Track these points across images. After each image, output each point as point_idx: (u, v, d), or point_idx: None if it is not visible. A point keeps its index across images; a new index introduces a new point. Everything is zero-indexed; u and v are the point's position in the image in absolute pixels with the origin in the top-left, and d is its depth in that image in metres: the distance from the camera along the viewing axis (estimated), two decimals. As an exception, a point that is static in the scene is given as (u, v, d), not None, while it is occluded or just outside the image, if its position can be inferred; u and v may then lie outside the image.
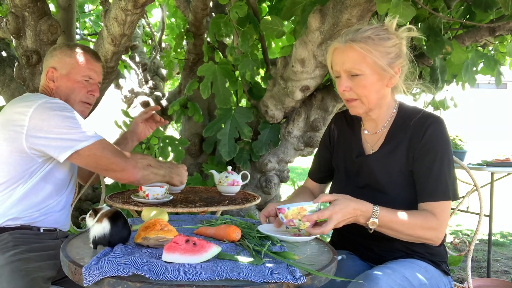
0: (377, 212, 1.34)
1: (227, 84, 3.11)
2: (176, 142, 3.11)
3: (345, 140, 1.65)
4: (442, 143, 1.43)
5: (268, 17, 2.96)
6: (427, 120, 1.46)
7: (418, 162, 1.45)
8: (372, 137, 1.57)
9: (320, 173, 1.75)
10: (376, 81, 1.44)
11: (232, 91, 3.18)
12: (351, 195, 1.36)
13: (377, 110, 1.52)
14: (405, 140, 1.48)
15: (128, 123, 3.67)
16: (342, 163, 1.64)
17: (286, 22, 3.53)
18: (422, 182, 1.43)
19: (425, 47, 2.62)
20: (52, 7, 3.24)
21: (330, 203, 1.33)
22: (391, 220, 1.35)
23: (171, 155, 3.49)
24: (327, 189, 1.79)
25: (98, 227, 1.21)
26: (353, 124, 1.65)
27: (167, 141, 3.13)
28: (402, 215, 1.37)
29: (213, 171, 2.32)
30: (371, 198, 1.37)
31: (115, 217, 1.22)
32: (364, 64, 1.42)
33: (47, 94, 1.80)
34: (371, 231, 1.36)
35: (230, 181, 2.25)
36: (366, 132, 1.59)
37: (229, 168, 2.33)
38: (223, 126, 3.00)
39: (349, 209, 1.30)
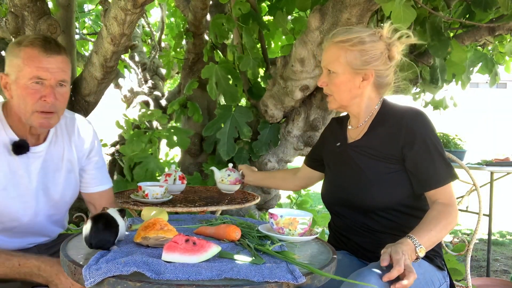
0: (414, 238, 1.30)
1: (231, 81, 3.12)
2: (182, 132, 3.32)
3: (333, 136, 1.73)
4: (425, 132, 1.46)
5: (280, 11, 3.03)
6: (406, 116, 1.49)
7: (411, 159, 1.47)
8: (355, 131, 1.62)
9: (310, 157, 1.88)
10: (347, 81, 1.51)
11: (233, 85, 3.19)
12: (334, 184, 1.40)
13: (353, 107, 1.58)
14: (386, 131, 1.52)
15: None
16: (330, 158, 1.71)
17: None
18: (422, 173, 1.46)
19: (428, 47, 2.61)
20: (50, 6, 3.23)
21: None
22: (429, 237, 1.33)
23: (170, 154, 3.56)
24: (320, 182, 1.83)
25: (84, 228, 1.21)
26: (342, 122, 1.72)
27: (173, 130, 3.29)
28: (429, 224, 1.37)
29: (214, 168, 2.26)
30: (353, 187, 1.41)
31: (98, 219, 1.20)
32: (337, 63, 1.50)
33: (6, 105, 1.55)
34: (417, 260, 1.32)
35: (233, 179, 2.23)
36: (350, 127, 1.66)
37: (230, 165, 2.26)
38: (222, 126, 3.00)
39: (399, 246, 1.27)
